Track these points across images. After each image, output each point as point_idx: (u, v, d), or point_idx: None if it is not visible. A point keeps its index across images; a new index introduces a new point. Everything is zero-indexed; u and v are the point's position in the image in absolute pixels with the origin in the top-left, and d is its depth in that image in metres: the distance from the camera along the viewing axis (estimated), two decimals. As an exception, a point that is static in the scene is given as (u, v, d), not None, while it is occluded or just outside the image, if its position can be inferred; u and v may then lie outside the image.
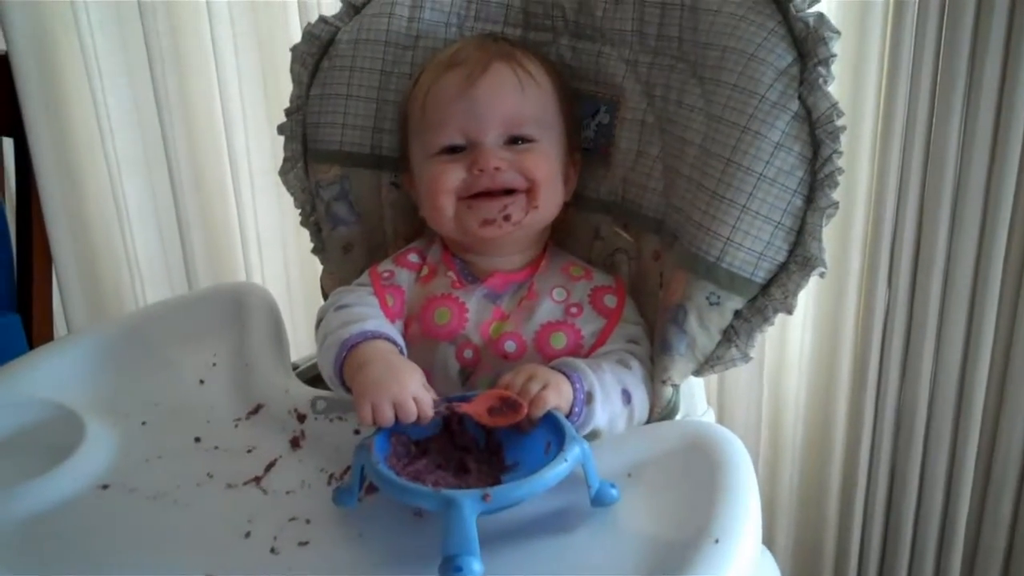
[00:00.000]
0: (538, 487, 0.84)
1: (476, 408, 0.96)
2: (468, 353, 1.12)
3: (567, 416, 0.97)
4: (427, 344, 1.13)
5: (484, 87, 1.14)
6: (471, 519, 0.81)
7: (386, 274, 1.19)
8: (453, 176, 1.13)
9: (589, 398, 1.01)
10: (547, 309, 1.14)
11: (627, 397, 1.06)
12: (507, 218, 1.13)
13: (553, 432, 0.93)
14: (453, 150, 1.15)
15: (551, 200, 1.17)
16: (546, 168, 1.15)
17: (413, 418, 0.94)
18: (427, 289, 1.17)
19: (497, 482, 0.91)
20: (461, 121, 1.14)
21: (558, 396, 0.97)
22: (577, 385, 1.00)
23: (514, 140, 1.14)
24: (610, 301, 1.15)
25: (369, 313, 1.12)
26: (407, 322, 1.15)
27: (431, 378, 1.05)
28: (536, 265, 1.19)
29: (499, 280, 1.16)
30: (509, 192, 1.13)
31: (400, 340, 1.09)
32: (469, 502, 0.82)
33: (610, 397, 1.03)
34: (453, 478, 0.92)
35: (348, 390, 1.02)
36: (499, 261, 1.18)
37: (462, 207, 1.14)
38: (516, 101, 1.15)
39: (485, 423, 0.95)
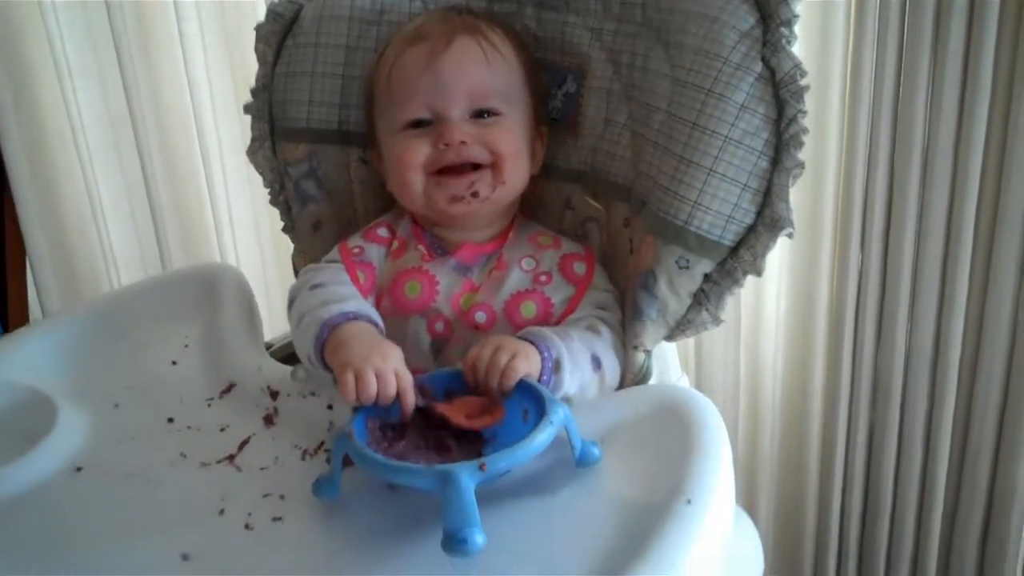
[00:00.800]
0: (531, 451, 0.84)
1: (454, 413, 0.95)
2: (439, 326, 1.12)
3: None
4: (398, 318, 1.12)
5: (449, 60, 1.14)
6: (470, 491, 0.81)
7: (356, 250, 1.18)
8: (419, 151, 1.13)
9: (557, 366, 1.01)
10: (516, 278, 1.14)
11: (597, 363, 1.06)
12: (475, 195, 1.13)
13: (529, 399, 0.93)
14: (419, 124, 1.15)
15: (518, 174, 1.17)
16: (512, 142, 1.15)
17: (393, 392, 0.93)
18: (398, 263, 1.16)
19: (479, 456, 0.90)
20: (426, 95, 1.14)
21: (527, 364, 0.97)
22: (545, 353, 1.00)
23: (480, 114, 1.14)
24: (579, 268, 1.15)
25: (347, 292, 1.12)
26: (378, 297, 1.15)
27: (404, 351, 1.05)
28: (505, 236, 1.19)
29: (469, 252, 1.16)
30: (476, 167, 1.13)
31: (380, 321, 1.08)
32: (466, 474, 0.81)
33: (579, 364, 1.03)
34: (436, 456, 0.92)
35: (328, 369, 1.02)
36: (468, 234, 1.18)
37: (431, 183, 1.14)
38: (481, 74, 1.14)
39: (463, 426, 0.94)
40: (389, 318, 1.12)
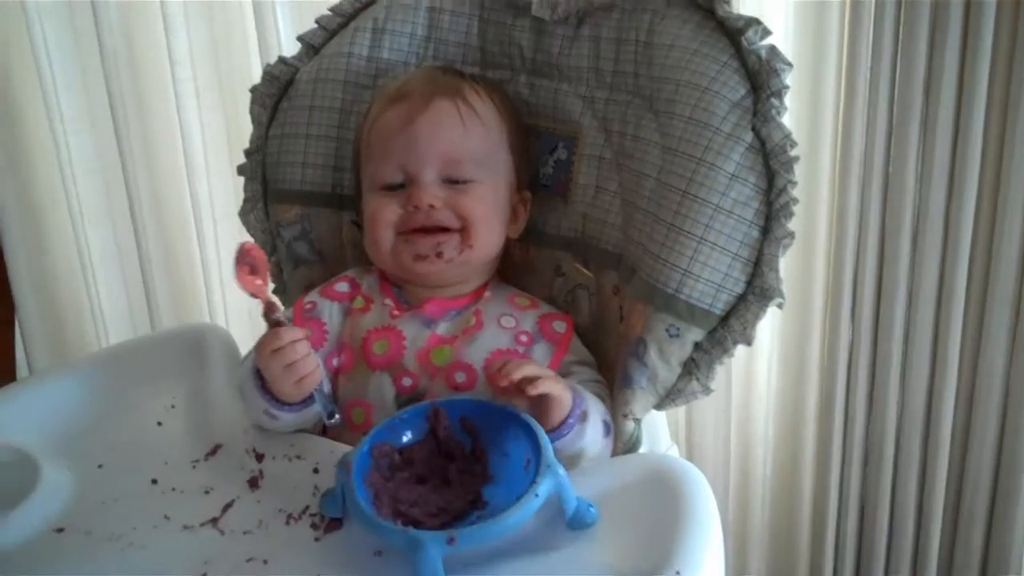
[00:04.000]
0: (505, 528, 0.84)
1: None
2: (407, 381, 1.11)
3: (560, 425, 0.98)
4: (362, 374, 1.13)
5: (424, 124, 1.15)
6: (436, 561, 0.81)
7: (308, 305, 1.19)
8: (390, 211, 1.15)
9: (584, 417, 1.00)
10: (494, 335, 1.13)
11: (607, 429, 1.06)
12: (440, 255, 1.14)
13: (534, 451, 0.92)
14: (393, 185, 1.16)
15: (488, 240, 1.17)
16: (482, 209, 1.15)
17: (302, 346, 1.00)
18: (366, 321, 1.16)
19: (478, 496, 0.91)
20: (400, 157, 1.15)
21: (559, 388, 0.97)
22: (577, 399, 1.00)
23: (452, 179, 1.15)
24: (559, 327, 1.16)
25: None
26: (340, 352, 1.15)
27: (369, 408, 1.08)
28: (478, 294, 1.19)
29: (435, 306, 1.16)
30: (445, 230, 1.14)
31: None
32: (433, 546, 0.81)
33: (596, 424, 1.03)
34: (432, 494, 0.92)
35: (277, 403, 1.03)
36: (437, 291, 1.18)
37: (399, 242, 1.15)
38: (456, 139, 1.15)
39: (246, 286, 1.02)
40: (351, 372, 1.13)
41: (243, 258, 1.03)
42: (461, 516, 0.88)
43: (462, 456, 0.95)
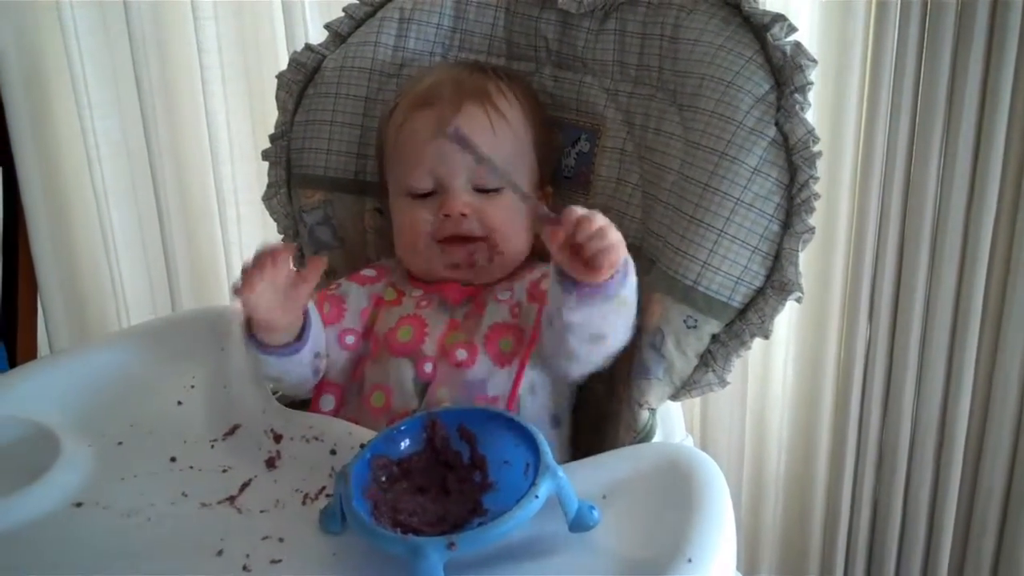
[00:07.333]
0: (505, 530, 0.83)
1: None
2: (428, 367, 1.11)
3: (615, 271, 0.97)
4: (385, 359, 1.13)
5: None
6: (437, 567, 0.81)
7: (333, 286, 1.20)
8: (423, 220, 1.16)
9: (626, 268, 1.00)
10: (493, 310, 1.14)
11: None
12: (472, 264, 1.15)
13: (533, 455, 0.92)
14: (423, 193, 1.17)
15: (515, 245, 1.18)
16: (508, 217, 1.16)
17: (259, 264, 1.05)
18: (396, 311, 1.17)
19: (477, 504, 0.90)
20: (431, 165, 1.16)
21: (624, 251, 0.97)
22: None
23: (482, 187, 1.16)
24: (545, 284, 1.14)
25: None
26: (366, 336, 1.16)
27: (389, 392, 1.08)
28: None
29: (454, 291, 1.17)
30: (475, 238, 1.15)
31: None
32: (435, 552, 0.81)
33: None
34: (432, 504, 0.92)
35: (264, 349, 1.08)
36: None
37: (436, 250, 1.16)
38: (486, 146, 1.14)
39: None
40: (376, 358, 1.14)
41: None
42: (461, 525, 0.87)
43: (460, 465, 0.95)
